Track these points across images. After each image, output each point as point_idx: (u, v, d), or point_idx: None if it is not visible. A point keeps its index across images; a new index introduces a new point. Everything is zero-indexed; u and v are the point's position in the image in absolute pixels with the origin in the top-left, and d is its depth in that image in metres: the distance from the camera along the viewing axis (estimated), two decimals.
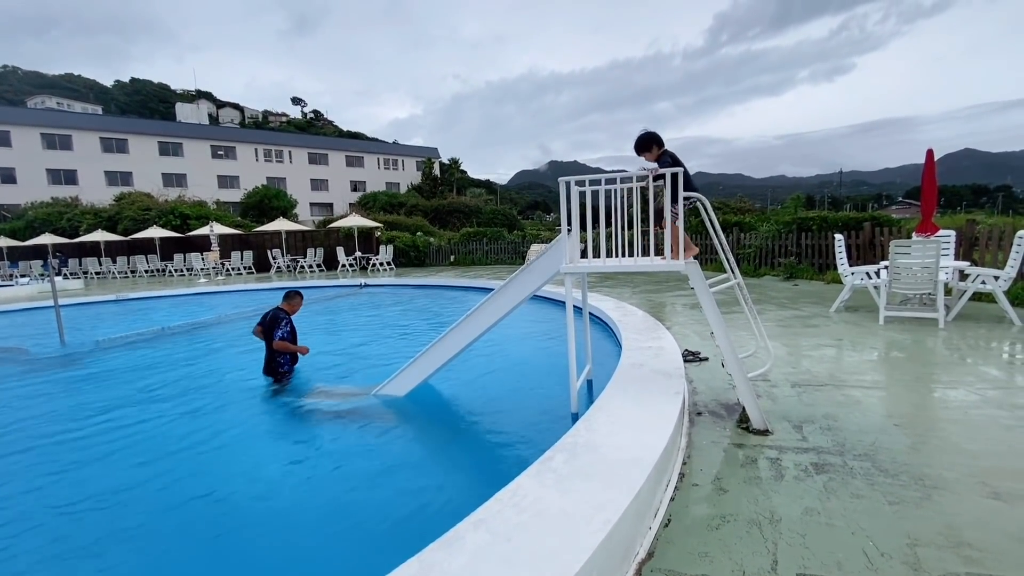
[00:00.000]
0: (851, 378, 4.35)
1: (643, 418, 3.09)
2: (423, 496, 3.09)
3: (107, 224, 27.37)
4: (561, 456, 2.57)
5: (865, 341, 5.67)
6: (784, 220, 12.03)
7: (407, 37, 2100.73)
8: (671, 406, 3.21)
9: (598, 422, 3.00)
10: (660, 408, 3.20)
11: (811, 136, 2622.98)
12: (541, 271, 3.80)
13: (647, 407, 3.27)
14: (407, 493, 3.13)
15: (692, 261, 3.46)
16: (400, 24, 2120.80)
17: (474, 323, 4.05)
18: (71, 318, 11.57)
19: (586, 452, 2.61)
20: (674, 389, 3.52)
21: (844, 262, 7.42)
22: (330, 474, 3.41)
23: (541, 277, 3.82)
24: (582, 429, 2.89)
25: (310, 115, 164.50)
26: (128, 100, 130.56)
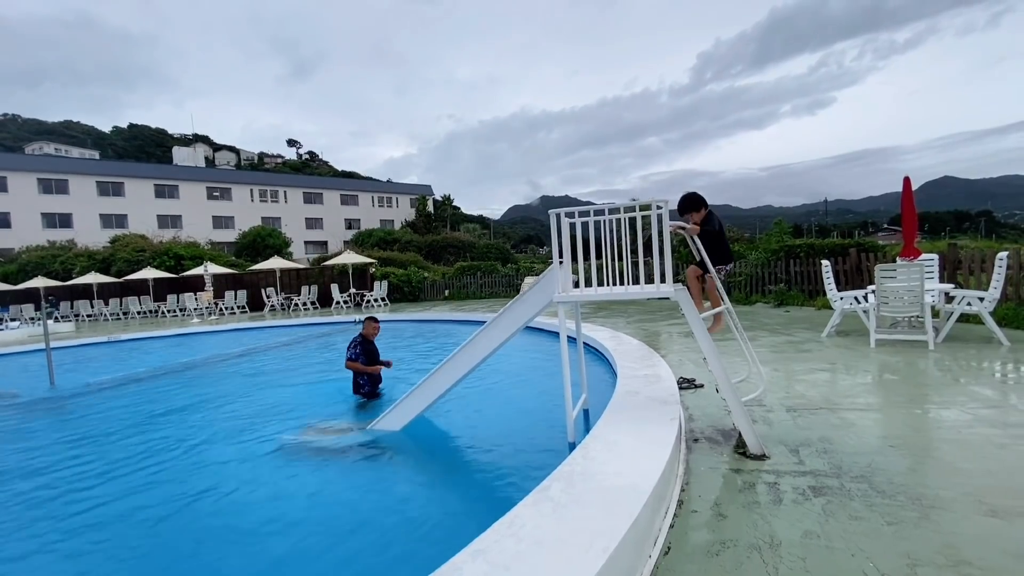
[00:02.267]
0: (845, 401, 4.38)
1: (639, 445, 3.09)
2: (421, 529, 3.05)
3: (100, 266, 27.32)
4: (558, 485, 2.56)
5: (857, 364, 5.72)
6: (772, 248, 12.26)
7: (402, 80, 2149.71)
8: (667, 432, 3.22)
9: (595, 450, 3.00)
10: (656, 435, 3.20)
11: (795, 167, 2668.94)
12: (534, 302, 3.86)
13: (643, 434, 3.27)
14: (405, 526, 3.08)
15: (681, 287, 3.53)
16: (395, 67, 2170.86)
17: (468, 355, 4.07)
18: (63, 361, 11.43)
19: (583, 480, 2.60)
20: (669, 416, 3.53)
21: (832, 287, 7.55)
22: (326, 511, 3.35)
23: (534, 307, 3.87)
24: (579, 457, 2.89)
25: (305, 156, 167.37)
26: (126, 145, 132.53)
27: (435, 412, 4.86)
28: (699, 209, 3.85)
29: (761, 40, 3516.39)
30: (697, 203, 3.86)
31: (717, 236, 3.83)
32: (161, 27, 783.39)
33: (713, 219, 3.83)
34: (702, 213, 3.85)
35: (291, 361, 9.84)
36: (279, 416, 5.55)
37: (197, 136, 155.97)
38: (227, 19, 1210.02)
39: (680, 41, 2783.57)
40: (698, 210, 3.85)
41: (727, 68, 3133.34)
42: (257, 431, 5.09)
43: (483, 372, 6.41)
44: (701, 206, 3.85)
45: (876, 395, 4.53)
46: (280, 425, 5.19)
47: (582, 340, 4.49)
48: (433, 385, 4.20)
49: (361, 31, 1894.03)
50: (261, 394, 6.83)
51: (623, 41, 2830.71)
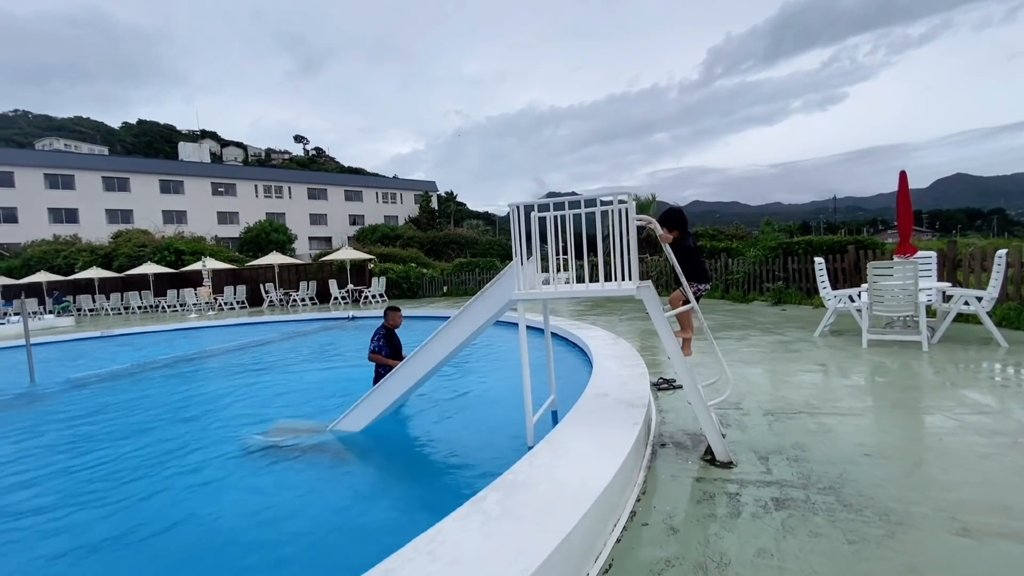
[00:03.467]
0: (826, 405, 4.17)
1: (593, 452, 2.91)
2: (355, 535, 2.91)
3: (103, 261, 27.46)
4: (495, 496, 2.39)
5: (847, 366, 5.50)
6: (770, 245, 11.99)
7: (410, 76, 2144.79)
8: (625, 438, 3.04)
9: (543, 458, 2.83)
10: (613, 441, 3.03)
11: (804, 164, 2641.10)
12: (494, 299, 3.69)
13: (600, 440, 3.10)
14: (350, 533, 2.94)
15: (647, 285, 3.35)
16: (403, 63, 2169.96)
17: (426, 356, 3.91)
18: (54, 356, 11.44)
19: (523, 490, 2.44)
20: (632, 420, 3.35)
21: (826, 285, 7.31)
22: (265, 513, 3.24)
23: (494, 306, 3.70)
24: (524, 465, 2.72)
25: (312, 152, 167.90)
26: (135, 141, 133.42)
27: (404, 412, 4.72)
28: (678, 228, 3.65)
29: (773, 35, 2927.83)
30: (678, 221, 3.66)
31: (692, 254, 3.67)
32: (171, 23, 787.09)
33: (690, 238, 3.69)
34: (677, 233, 3.64)
35: (272, 357, 9.74)
36: (250, 414, 5.43)
37: (205, 132, 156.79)
38: (235, 15, 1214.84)
39: (690, 36, 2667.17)
40: (676, 228, 3.64)
41: (737, 63, 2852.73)
42: (225, 429, 4.97)
43: (459, 371, 6.27)
44: (681, 225, 3.66)
45: (860, 399, 4.32)
46: (249, 424, 5.06)
47: (550, 338, 4.31)
48: (392, 386, 4.05)
49: (368, 26, 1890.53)
50: (237, 391, 6.71)
51: (632, 36, 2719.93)
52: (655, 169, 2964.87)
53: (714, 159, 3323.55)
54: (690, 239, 3.68)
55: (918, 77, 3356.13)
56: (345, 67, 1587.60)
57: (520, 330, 3.48)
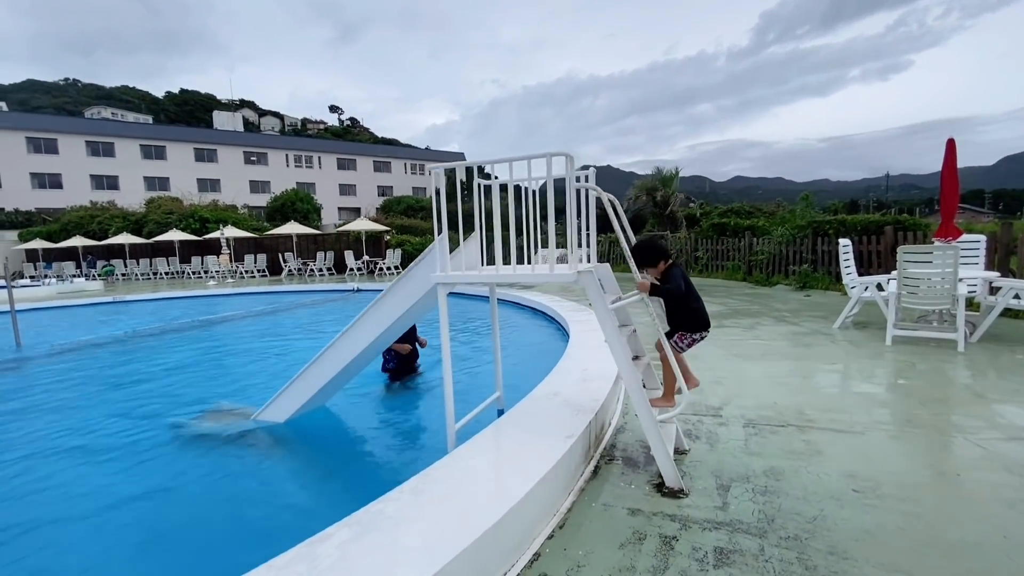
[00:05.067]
0: (823, 417, 3.49)
1: (502, 474, 2.38)
2: (242, 533, 2.53)
3: (134, 227, 28.20)
4: (343, 534, 1.89)
5: (863, 366, 4.74)
6: (799, 224, 10.91)
7: (447, 44, 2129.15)
8: (548, 457, 2.49)
9: (435, 479, 2.31)
10: (533, 459, 2.48)
11: (857, 138, 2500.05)
12: (418, 281, 3.15)
13: (520, 455, 2.56)
14: (229, 527, 2.59)
15: (588, 270, 2.73)
16: (440, 31, 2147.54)
17: (346, 346, 3.43)
18: (64, 320, 11.63)
19: (389, 527, 1.93)
20: (567, 432, 2.78)
21: (851, 271, 6.43)
22: (160, 505, 2.94)
23: (419, 289, 3.15)
24: (406, 491, 2.21)
25: (346, 122, 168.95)
26: (177, 110, 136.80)
27: (342, 404, 4.30)
28: (656, 263, 2.88)
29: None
30: (653, 254, 2.89)
31: (682, 297, 2.83)
32: None
33: (676, 275, 2.83)
34: (660, 267, 2.88)
35: (261, 328, 9.54)
36: (201, 393, 5.12)
37: (244, 102, 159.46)
38: None
39: (743, 0, 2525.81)
40: (655, 264, 2.88)
41: (792, 28, 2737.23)
42: (169, 410, 4.66)
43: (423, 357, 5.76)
44: (659, 259, 2.88)
45: (868, 410, 3.61)
46: (193, 404, 4.75)
47: (498, 327, 3.75)
48: (310, 378, 3.60)
49: None
50: (203, 365, 6.46)
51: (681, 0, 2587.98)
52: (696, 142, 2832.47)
53: (760, 132, 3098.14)
54: (676, 277, 2.81)
55: (993, 44, 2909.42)
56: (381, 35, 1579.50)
57: (441, 318, 2.94)
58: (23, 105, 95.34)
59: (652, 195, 19.07)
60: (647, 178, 19.99)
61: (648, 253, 2.91)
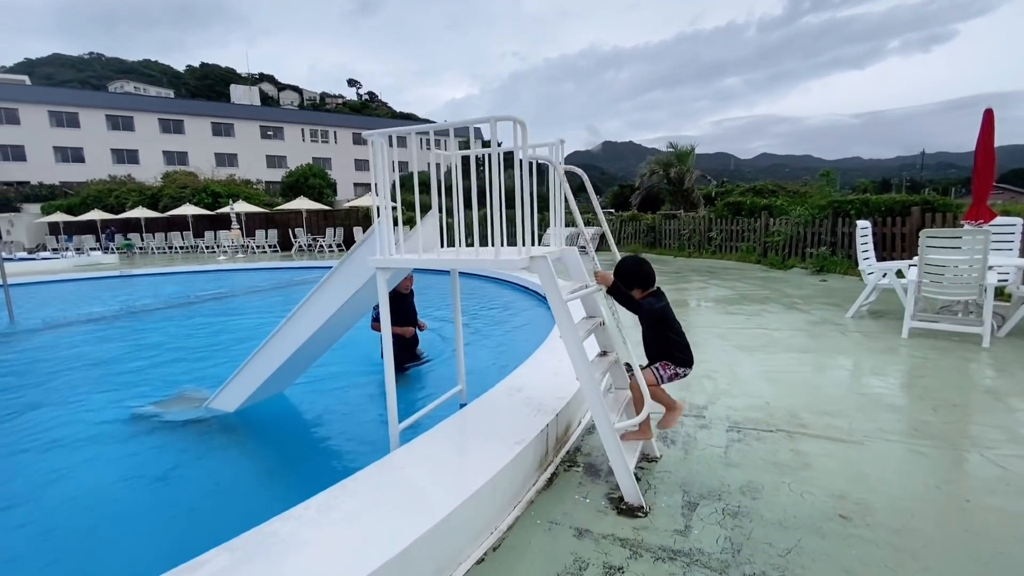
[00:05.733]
0: (819, 421, 3.12)
1: (431, 485, 2.09)
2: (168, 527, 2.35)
3: (150, 201, 28.49)
4: (224, 559, 1.63)
5: (874, 362, 4.32)
6: (819, 204, 10.25)
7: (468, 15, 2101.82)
8: (495, 464, 2.20)
9: (350, 493, 2.03)
10: (476, 467, 2.19)
11: (893, 114, 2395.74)
12: (358, 265, 2.84)
13: (458, 464, 2.27)
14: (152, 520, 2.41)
15: (541, 256, 2.38)
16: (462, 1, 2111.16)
17: (291, 332, 3.16)
18: (69, 293, 11.71)
19: (273, 556, 1.66)
20: (520, 436, 2.48)
21: (868, 255, 5.92)
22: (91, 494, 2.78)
23: (362, 273, 2.85)
24: (312, 507, 1.93)
25: (365, 97, 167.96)
26: (198, 84, 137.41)
27: (302, 393, 4.07)
28: (631, 288, 2.58)
29: None
30: (627, 279, 2.58)
31: (656, 320, 2.53)
32: None
33: (657, 300, 2.53)
34: (644, 294, 2.59)
35: (265, 306, 9.41)
36: (177, 376, 4.95)
37: (263, 75, 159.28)
38: None
39: None
40: (629, 288, 2.58)
41: None
42: (133, 393, 4.50)
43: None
44: (634, 285, 2.58)
45: (872, 414, 3.22)
46: (162, 388, 4.57)
47: (460, 314, 3.44)
48: (258, 365, 3.35)
49: None
50: (186, 347, 6.33)
51: None
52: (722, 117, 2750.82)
53: (789, 107, 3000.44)
54: (653, 302, 2.52)
55: None
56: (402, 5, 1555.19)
57: (381, 304, 2.64)
58: (49, 79, 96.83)
59: (667, 171, 18.30)
60: (662, 154, 19.19)
61: (624, 275, 2.59)
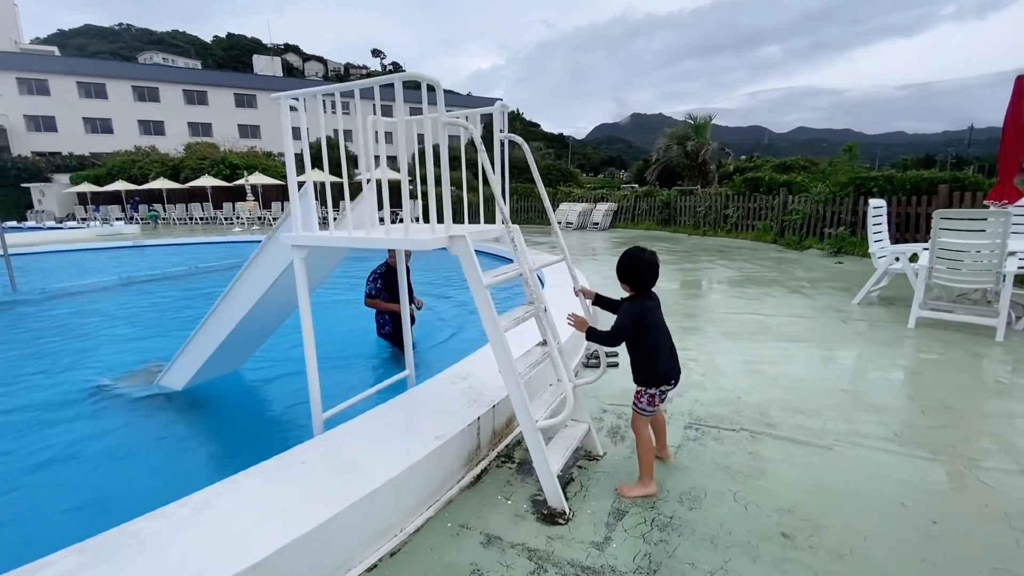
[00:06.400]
0: (789, 420, 2.84)
1: (331, 480, 1.93)
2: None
3: (171, 173, 28.89)
4: (71, 561, 1.49)
5: (873, 354, 3.97)
6: (840, 181, 9.60)
7: None
8: (404, 461, 2.02)
9: (235, 489, 1.88)
10: (384, 463, 2.02)
11: (942, 86, 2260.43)
12: (281, 243, 2.65)
13: (364, 460, 2.09)
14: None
15: (461, 236, 2.14)
16: None
17: (226, 310, 3.01)
18: (83, 261, 11.96)
19: (123, 559, 1.52)
20: (442, 430, 2.29)
21: (881, 236, 5.47)
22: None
23: (285, 252, 2.66)
24: (188, 505, 1.78)
25: (389, 68, 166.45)
26: (224, 55, 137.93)
27: (264, 369, 3.96)
28: (625, 282, 2.28)
29: None
30: (623, 272, 2.27)
31: (634, 331, 2.21)
32: None
33: (637, 307, 2.21)
34: (632, 293, 2.29)
35: None
36: (150, 350, 4.93)
37: (288, 46, 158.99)
38: None
39: None
40: (624, 282, 2.29)
41: None
42: (104, 365, 4.49)
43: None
44: (626, 281, 2.27)
45: (853, 415, 2.92)
46: (128, 362, 4.55)
47: (405, 295, 3.24)
48: (200, 343, 3.23)
49: None
50: (165, 321, 6.33)
51: None
52: (757, 89, 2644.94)
53: (830, 78, 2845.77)
54: (635, 308, 2.22)
55: None
56: None
57: (299, 286, 2.45)
58: (82, 51, 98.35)
59: (683, 145, 17.47)
60: (680, 125, 18.32)
61: (621, 268, 2.28)
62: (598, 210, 17.13)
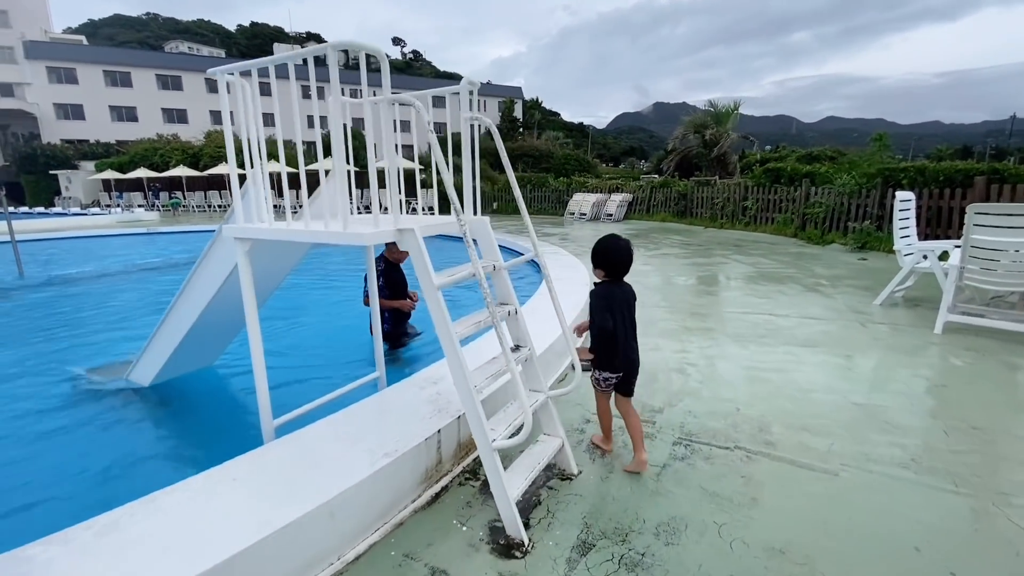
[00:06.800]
0: (792, 438, 2.54)
1: (256, 503, 1.72)
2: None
3: (191, 161, 29.23)
4: None
5: (889, 362, 3.63)
6: (867, 172, 9.05)
7: None
8: (343, 482, 1.81)
9: (153, 509, 1.68)
10: (319, 484, 1.80)
11: (982, 73, 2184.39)
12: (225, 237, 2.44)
13: (297, 480, 1.88)
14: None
15: (409, 228, 1.90)
16: None
17: (185, 304, 2.83)
18: (96, 248, 12.08)
19: None
20: (393, 446, 2.06)
21: (908, 231, 5.05)
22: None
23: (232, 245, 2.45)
24: (96, 527, 1.60)
25: (409, 56, 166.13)
26: (248, 44, 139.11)
27: (228, 363, 3.81)
28: (597, 267, 2.38)
29: None
30: (606, 263, 2.33)
31: (596, 309, 2.26)
32: None
33: (605, 292, 2.28)
34: (599, 275, 2.37)
35: None
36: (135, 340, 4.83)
37: (310, 35, 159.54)
38: None
39: None
40: (602, 269, 2.35)
41: None
42: (83, 355, 4.40)
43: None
44: (597, 265, 2.37)
45: (864, 432, 2.61)
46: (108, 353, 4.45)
47: (375, 291, 3.01)
48: (161, 339, 3.06)
49: None
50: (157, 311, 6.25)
51: None
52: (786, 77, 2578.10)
53: (863, 65, 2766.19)
54: (602, 297, 2.27)
55: None
56: None
57: (243, 280, 2.24)
58: (111, 40, 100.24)
59: (701, 134, 16.81)
60: (699, 113, 17.63)
61: (595, 254, 2.39)
62: (612, 201, 16.72)
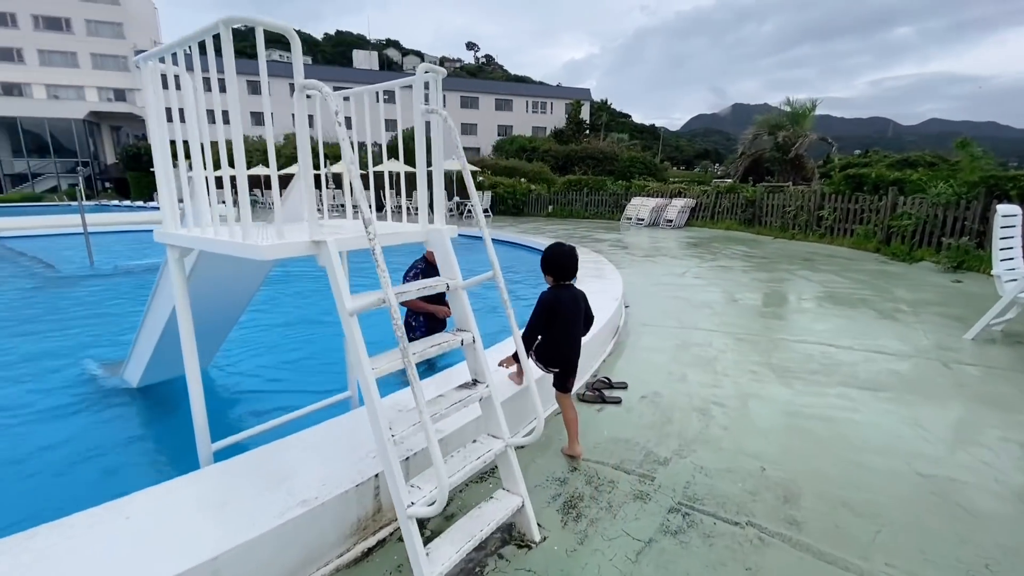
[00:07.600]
0: (826, 516, 2.00)
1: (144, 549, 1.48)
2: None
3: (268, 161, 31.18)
4: None
5: (973, 419, 2.91)
6: (969, 180, 7.78)
7: None
8: (239, 536, 1.54)
9: (59, 538, 1.48)
10: (212, 535, 1.54)
11: None
12: None
13: (177, 536, 1.62)
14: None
15: (323, 241, 1.60)
16: None
17: (155, 312, 2.73)
18: None
19: None
20: (314, 492, 1.77)
21: (1012, 253, 4.16)
22: None
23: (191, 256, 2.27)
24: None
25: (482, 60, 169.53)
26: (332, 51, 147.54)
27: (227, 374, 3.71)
28: (554, 277, 2.50)
29: None
30: (554, 268, 2.49)
31: (547, 318, 2.42)
32: None
33: (551, 296, 2.44)
34: (554, 283, 2.51)
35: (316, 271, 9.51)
36: None
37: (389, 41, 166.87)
38: None
39: None
40: (550, 274, 2.51)
41: None
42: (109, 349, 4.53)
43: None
44: (547, 272, 2.52)
45: (922, 515, 2.01)
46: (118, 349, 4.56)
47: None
48: (141, 342, 2.98)
49: None
50: None
51: None
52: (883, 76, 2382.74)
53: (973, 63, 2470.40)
54: (543, 307, 2.42)
55: None
56: None
57: (176, 288, 2.04)
58: None
59: (774, 135, 15.42)
60: (773, 113, 16.19)
61: (543, 261, 2.55)
62: (673, 206, 15.78)
